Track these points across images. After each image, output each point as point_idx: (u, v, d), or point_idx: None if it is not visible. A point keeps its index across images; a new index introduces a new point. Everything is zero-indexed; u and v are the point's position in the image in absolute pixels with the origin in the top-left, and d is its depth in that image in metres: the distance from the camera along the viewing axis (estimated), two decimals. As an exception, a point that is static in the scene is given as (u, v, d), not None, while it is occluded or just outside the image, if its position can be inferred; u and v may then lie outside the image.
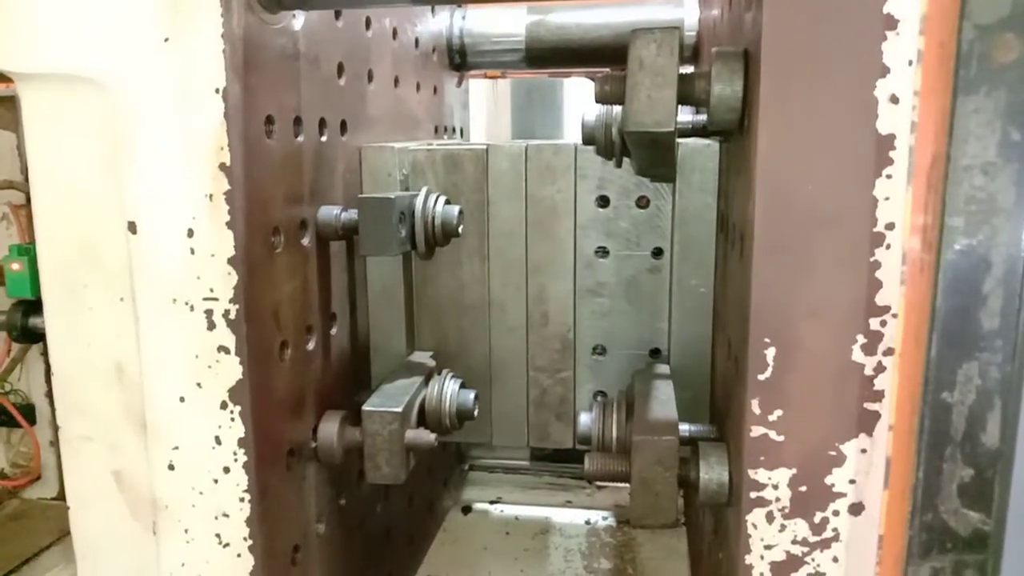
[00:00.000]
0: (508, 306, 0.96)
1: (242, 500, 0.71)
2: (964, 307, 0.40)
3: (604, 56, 1.26)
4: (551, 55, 1.29)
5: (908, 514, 0.43)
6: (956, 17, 0.39)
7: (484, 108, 2.07)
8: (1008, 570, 0.40)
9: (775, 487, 0.63)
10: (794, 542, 0.63)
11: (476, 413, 0.91)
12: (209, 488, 0.71)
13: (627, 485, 0.76)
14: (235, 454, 0.70)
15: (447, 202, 0.87)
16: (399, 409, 0.79)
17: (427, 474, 1.23)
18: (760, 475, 0.63)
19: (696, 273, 0.92)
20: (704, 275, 0.92)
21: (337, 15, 0.84)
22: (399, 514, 1.10)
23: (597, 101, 0.74)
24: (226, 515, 0.71)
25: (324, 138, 0.82)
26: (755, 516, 0.64)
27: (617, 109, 0.82)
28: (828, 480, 0.60)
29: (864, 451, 0.55)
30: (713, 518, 0.89)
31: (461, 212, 0.87)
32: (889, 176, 0.52)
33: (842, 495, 0.59)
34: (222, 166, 0.66)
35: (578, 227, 0.93)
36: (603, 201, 0.94)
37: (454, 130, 1.33)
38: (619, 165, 0.92)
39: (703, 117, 0.72)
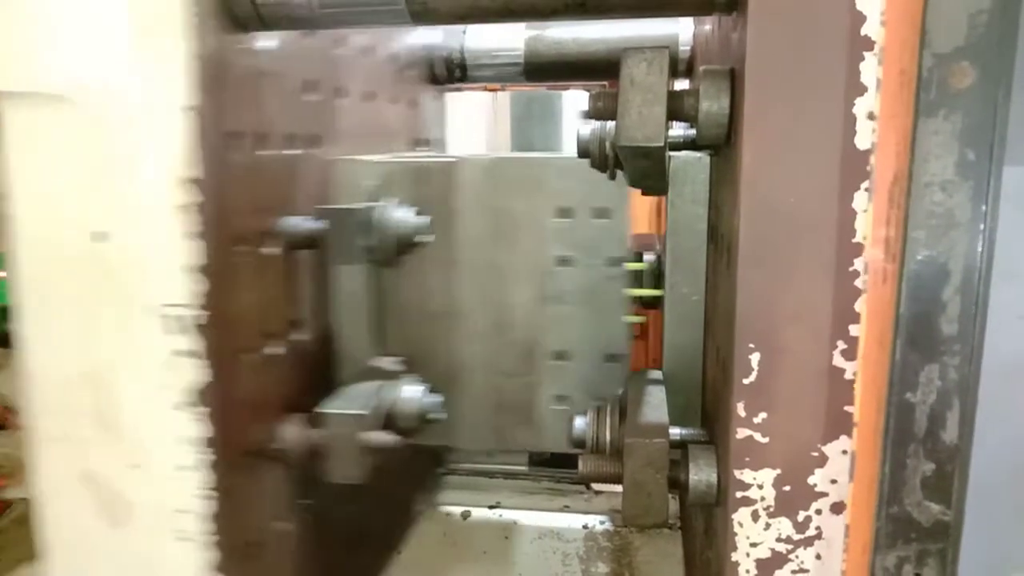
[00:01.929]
0: (473, 313, 0.99)
1: (205, 498, 0.74)
2: (926, 313, 0.43)
3: (601, 70, 1.29)
4: (549, 69, 1.32)
5: (875, 506, 0.45)
6: (916, 45, 0.42)
7: (484, 120, 2.10)
8: (966, 557, 0.43)
9: (760, 487, 0.66)
10: (778, 540, 0.66)
11: (440, 417, 0.94)
12: (173, 486, 0.74)
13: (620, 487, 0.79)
14: (199, 454, 0.73)
15: (415, 213, 0.91)
16: (357, 411, 0.83)
17: (399, 476, 1.25)
18: (746, 475, 0.66)
19: (688, 281, 0.95)
20: (695, 283, 0.95)
21: (305, 34, 0.88)
22: (369, 515, 1.13)
23: (590, 117, 0.77)
24: (188, 512, 0.74)
25: (293, 152, 0.86)
26: (741, 515, 0.66)
27: (610, 124, 0.85)
28: (811, 480, 0.63)
29: (845, 452, 0.58)
30: (703, 519, 0.92)
31: (427, 223, 0.90)
32: (867, 189, 0.55)
33: (824, 494, 0.61)
34: (191, 179, 0.69)
35: (541, 237, 0.97)
36: (565, 212, 0.97)
37: (430, 143, 1.36)
38: (613, 177, 0.95)
39: (694, 132, 0.75)
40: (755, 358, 0.64)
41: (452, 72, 1.34)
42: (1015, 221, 0.41)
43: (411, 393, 0.92)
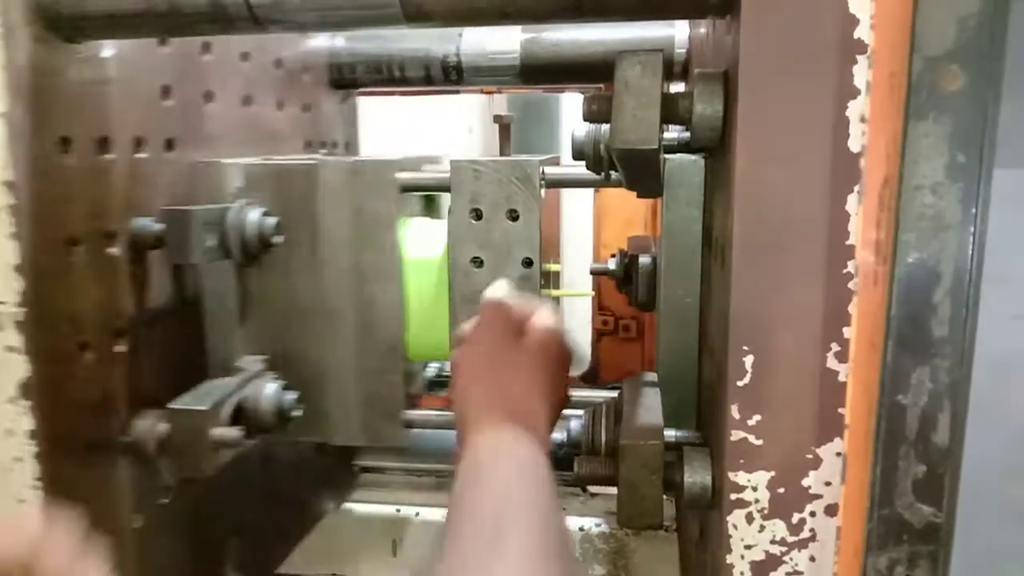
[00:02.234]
0: (339, 312, 1.00)
1: (34, 488, 0.77)
2: (917, 315, 0.43)
3: (598, 72, 1.30)
4: (546, 71, 1.32)
5: (867, 508, 0.45)
6: (906, 49, 0.42)
7: (480, 123, 2.11)
8: (957, 559, 0.43)
9: (754, 489, 0.66)
10: (773, 542, 0.66)
11: (296, 413, 0.95)
12: (10, 477, 0.77)
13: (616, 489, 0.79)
14: (25, 445, 0.76)
15: (265, 213, 0.93)
16: (204, 407, 0.85)
17: (295, 473, 1.27)
18: (740, 477, 0.66)
19: (682, 284, 0.95)
20: (690, 286, 0.96)
21: (162, 42, 0.92)
22: (254, 510, 1.15)
23: (585, 120, 0.78)
24: (22, 501, 0.78)
25: (142, 155, 0.89)
26: (735, 517, 0.66)
27: (605, 126, 0.85)
28: (805, 482, 0.63)
29: (839, 454, 0.58)
30: (699, 521, 0.92)
31: (278, 223, 0.94)
32: (858, 192, 0.55)
33: (818, 496, 0.62)
34: (6, 183, 0.73)
35: (454, 239, 0.97)
36: (477, 214, 0.97)
37: (335, 145, 1.38)
38: (608, 179, 0.96)
39: (688, 134, 0.75)
40: (749, 360, 0.65)
41: (448, 75, 1.34)
42: (1005, 223, 0.41)
43: (267, 390, 0.94)
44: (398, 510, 1.41)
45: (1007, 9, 0.39)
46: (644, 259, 1.09)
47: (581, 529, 1.36)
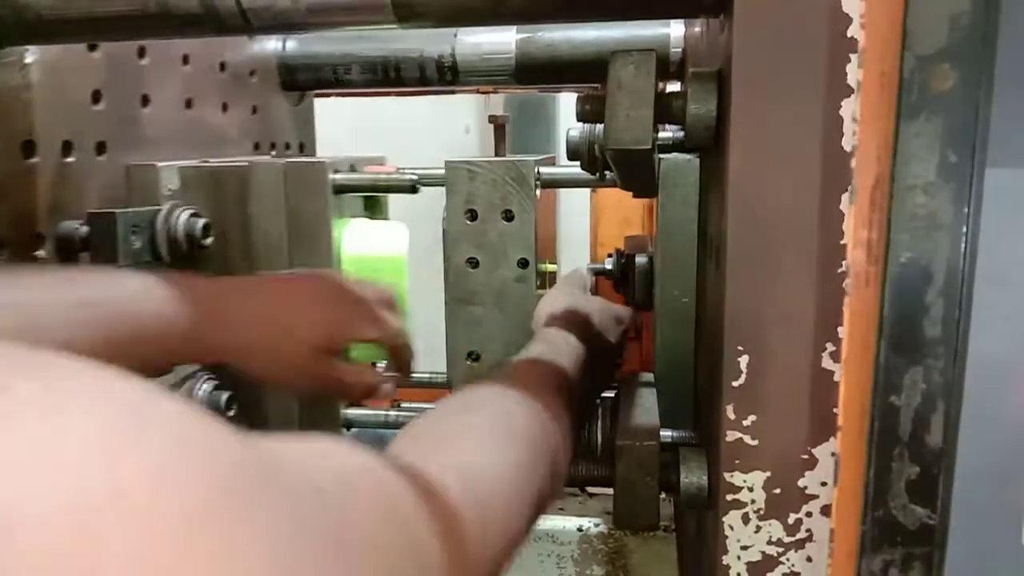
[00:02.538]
0: None
1: None
2: (909, 316, 0.43)
3: (593, 71, 1.29)
4: (541, 71, 1.32)
5: (861, 510, 0.45)
6: (897, 47, 0.42)
7: (477, 122, 2.10)
8: (952, 560, 0.43)
9: (750, 489, 0.66)
10: (769, 543, 0.66)
11: (230, 414, 0.97)
12: None
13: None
14: None
15: (194, 215, 0.94)
16: None
17: None
18: (736, 478, 0.65)
19: (678, 284, 0.95)
20: (686, 285, 0.95)
21: (92, 47, 0.93)
22: None
23: (578, 120, 0.77)
24: None
25: (70, 159, 0.91)
26: (731, 518, 0.66)
27: (600, 126, 0.85)
28: (801, 483, 0.63)
29: (834, 454, 0.58)
30: (696, 521, 0.92)
31: (207, 225, 0.94)
32: (849, 192, 0.55)
33: (815, 497, 0.61)
34: None
35: (449, 239, 0.97)
36: (472, 215, 0.97)
37: (288, 146, 1.39)
38: (603, 179, 0.96)
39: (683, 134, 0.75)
40: (744, 360, 0.64)
41: (443, 75, 1.34)
42: (997, 223, 0.41)
43: (200, 391, 0.96)
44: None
45: (998, 8, 0.39)
46: (640, 259, 1.09)
47: (580, 529, 1.36)
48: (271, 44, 1.35)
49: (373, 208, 1.17)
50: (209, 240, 0.95)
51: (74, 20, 0.78)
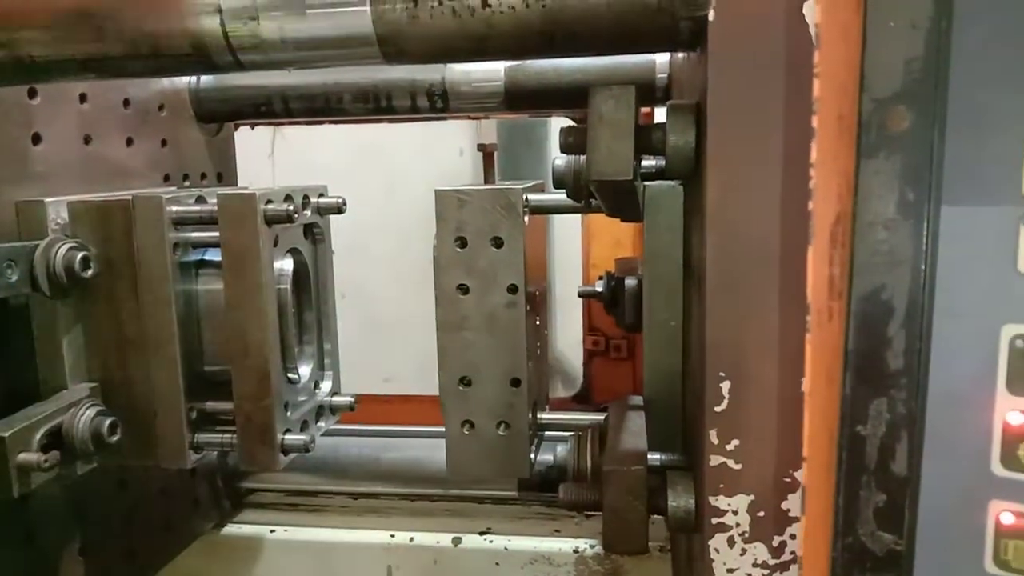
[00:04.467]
0: (161, 341, 1.01)
1: None
2: (873, 349, 0.44)
3: (581, 98, 1.31)
4: (530, 97, 1.33)
5: (831, 537, 0.46)
6: (855, 92, 0.43)
7: (470, 146, 2.13)
8: (918, 586, 0.44)
9: (735, 513, 0.67)
10: (755, 565, 0.67)
11: (112, 440, 0.97)
12: None
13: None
14: None
15: (74, 248, 0.96)
16: (5, 433, 0.87)
17: (159, 494, 1.30)
18: (720, 502, 0.67)
19: (666, 307, 0.96)
20: (674, 310, 0.97)
21: None
22: (106, 531, 1.17)
23: (562, 151, 0.79)
24: None
25: None
26: (717, 541, 0.67)
27: (584, 156, 0.87)
28: (784, 505, 0.64)
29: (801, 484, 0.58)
30: (687, 544, 0.93)
31: (85, 257, 0.96)
32: (811, 229, 0.56)
33: (797, 519, 0.62)
34: None
35: (440, 265, 0.99)
36: (462, 242, 0.99)
37: (203, 176, 1.41)
38: (588, 207, 0.97)
39: (666, 162, 0.76)
40: (726, 386, 0.66)
41: (434, 103, 1.36)
42: (953, 258, 0.42)
43: (83, 416, 0.96)
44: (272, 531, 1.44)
45: (948, 52, 0.41)
46: (630, 281, 1.10)
47: (576, 551, 1.37)
48: (182, 79, 1.36)
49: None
50: (89, 273, 0.97)
51: (67, 61, 0.80)
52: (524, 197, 1.00)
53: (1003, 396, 0.45)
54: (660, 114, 1.37)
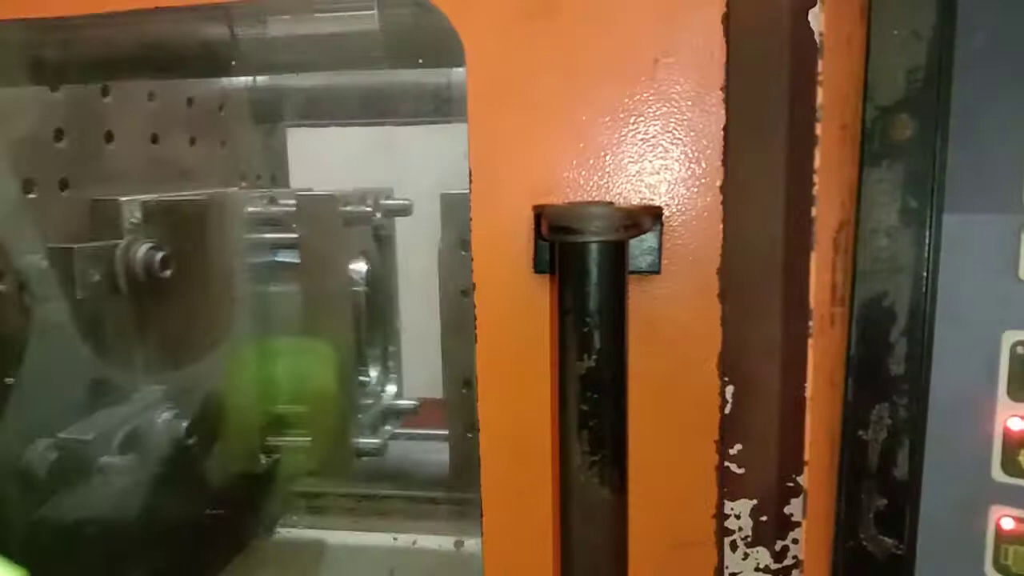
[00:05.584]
0: (239, 342, 1.02)
1: None
2: (874, 354, 0.44)
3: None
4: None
5: (832, 541, 0.47)
6: (858, 101, 0.44)
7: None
8: (918, 590, 0.44)
9: (737, 517, 0.67)
10: (757, 570, 0.67)
11: (189, 442, 0.98)
12: None
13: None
14: None
15: (153, 248, 0.96)
16: (88, 436, 0.88)
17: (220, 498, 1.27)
18: (723, 506, 0.67)
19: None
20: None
21: (54, 88, 0.94)
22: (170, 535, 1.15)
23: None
24: None
25: (32, 195, 0.92)
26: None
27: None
28: (787, 510, 0.64)
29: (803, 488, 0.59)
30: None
31: (165, 258, 0.95)
32: (814, 236, 0.56)
33: (799, 524, 0.63)
34: None
35: (444, 268, 0.99)
36: (466, 245, 0.99)
37: (258, 177, 1.40)
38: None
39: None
40: (729, 390, 0.66)
41: (441, 106, 1.36)
42: (955, 266, 0.43)
43: (159, 419, 0.96)
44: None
45: (951, 61, 0.41)
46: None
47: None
48: (241, 78, 1.35)
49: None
50: (168, 272, 0.96)
51: (78, 61, 0.80)
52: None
53: (1004, 402, 0.45)
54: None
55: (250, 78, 1.34)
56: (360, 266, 1.05)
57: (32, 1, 0.67)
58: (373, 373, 1.13)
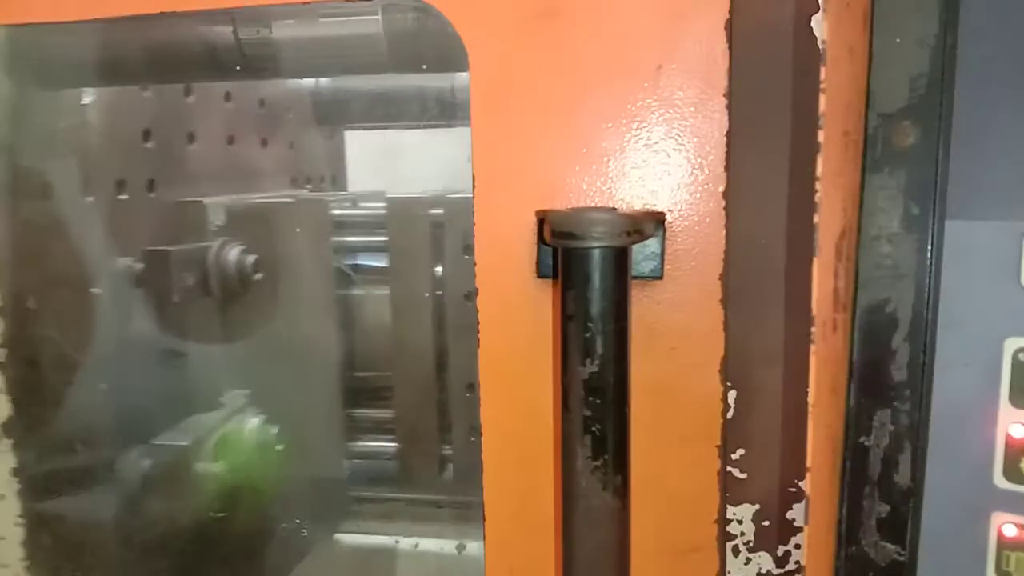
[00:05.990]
0: (322, 344, 1.00)
1: (16, 525, 0.79)
2: (877, 361, 0.44)
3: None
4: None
5: (834, 547, 0.47)
6: (861, 108, 0.44)
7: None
8: (920, 596, 0.44)
9: (740, 522, 0.67)
10: (759, 574, 0.67)
11: (277, 448, 0.97)
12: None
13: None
14: (9, 483, 0.78)
15: (244, 251, 0.94)
16: (186, 442, 0.88)
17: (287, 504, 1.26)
18: (726, 511, 0.67)
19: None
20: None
21: (144, 87, 0.93)
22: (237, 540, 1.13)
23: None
24: (5, 539, 0.78)
25: (123, 196, 0.90)
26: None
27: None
28: (789, 515, 0.64)
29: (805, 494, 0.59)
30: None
31: (256, 261, 0.94)
32: (816, 243, 0.56)
33: (801, 529, 0.63)
34: None
35: (447, 273, 0.98)
36: (468, 250, 0.99)
37: (321, 179, 1.39)
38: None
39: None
40: (732, 396, 0.66)
41: (445, 110, 1.36)
42: (957, 272, 0.43)
43: (248, 425, 0.95)
44: (396, 541, 1.41)
45: (954, 69, 0.41)
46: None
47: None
48: (307, 81, 1.34)
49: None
50: (259, 276, 0.95)
51: (86, 64, 0.80)
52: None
53: (1006, 409, 0.45)
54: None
55: (313, 80, 1.34)
56: (440, 269, 1.05)
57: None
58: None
